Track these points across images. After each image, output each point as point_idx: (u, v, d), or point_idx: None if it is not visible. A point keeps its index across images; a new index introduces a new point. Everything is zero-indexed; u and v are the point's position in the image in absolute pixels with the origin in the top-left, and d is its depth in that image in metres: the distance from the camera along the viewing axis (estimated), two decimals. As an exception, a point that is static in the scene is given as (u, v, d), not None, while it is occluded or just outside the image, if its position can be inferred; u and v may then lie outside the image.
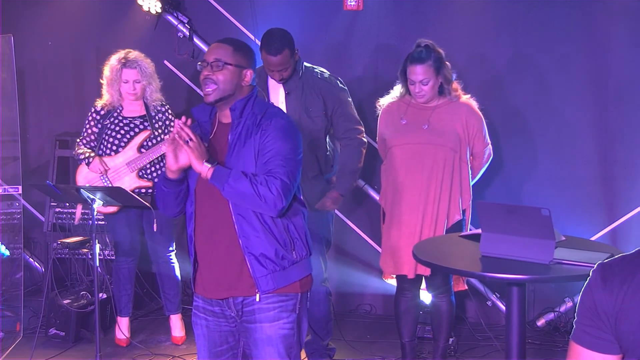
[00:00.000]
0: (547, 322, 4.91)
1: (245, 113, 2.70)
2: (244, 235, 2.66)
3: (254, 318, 2.71)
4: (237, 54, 2.70)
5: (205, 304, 2.79)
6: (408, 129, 3.91)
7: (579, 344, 1.66)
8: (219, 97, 2.69)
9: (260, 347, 2.72)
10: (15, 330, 4.75)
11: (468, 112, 3.94)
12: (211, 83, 2.68)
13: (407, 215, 3.90)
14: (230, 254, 2.69)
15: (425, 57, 3.81)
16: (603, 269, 1.65)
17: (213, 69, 2.68)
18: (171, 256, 4.69)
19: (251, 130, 2.68)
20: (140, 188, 4.49)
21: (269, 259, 2.67)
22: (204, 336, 2.81)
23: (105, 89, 4.51)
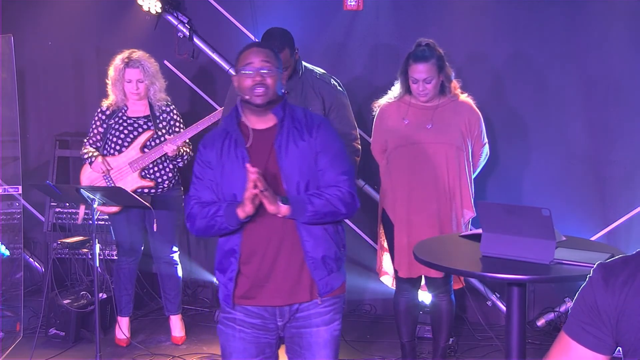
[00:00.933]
0: (547, 322, 4.91)
1: (287, 116, 2.75)
2: (307, 240, 2.71)
3: (309, 323, 2.76)
4: (278, 59, 2.76)
5: (245, 317, 2.77)
6: (412, 129, 3.90)
7: (573, 338, 1.66)
8: (268, 99, 2.70)
9: (315, 350, 2.77)
10: (15, 330, 4.76)
11: (469, 111, 3.95)
12: (261, 87, 2.69)
13: (418, 217, 3.88)
14: (292, 260, 2.72)
15: (428, 56, 3.81)
16: (605, 270, 1.65)
17: (263, 74, 2.70)
18: (174, 257, 4.70)
19: (300, 132, 2.73)
20: (142, 188, 4.50)
21: (330, 261, 2.75)
22: (238, 349, 2.79)
23: (110, 89, 4.53)
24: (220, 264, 2.80)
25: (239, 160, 2.71)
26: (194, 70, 5.41)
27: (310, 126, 2.75)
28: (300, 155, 2.71)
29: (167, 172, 4.55)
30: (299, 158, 2.71)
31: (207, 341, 4.73)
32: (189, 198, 2.82)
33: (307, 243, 2.70)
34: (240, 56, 2.76)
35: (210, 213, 2.72)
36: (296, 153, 2.71)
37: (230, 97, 4.19)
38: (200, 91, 5.39)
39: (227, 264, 2.76)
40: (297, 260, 2.71)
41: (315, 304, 2.75)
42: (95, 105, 4.73)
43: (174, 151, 4.45)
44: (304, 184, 2.71)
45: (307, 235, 2.70)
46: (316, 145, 2.73)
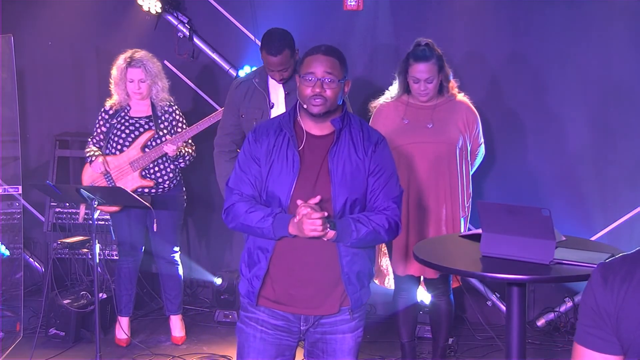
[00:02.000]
0: (547, 322, 4.91)
1: (345, 128, 2.69)
2: (345, 256, 2.67)
3: (335, 329, 2.74)
4: (343, 68, 2.71)
5: (268, 317, 2.73)
6: (412, 129, 3.90)
7: (582, 345, 1.66)
8: (326, 110, 2.65)
9: (339, 356, 2.76)
10: (15, 330, 4.76)
11: (467, 111, 3.95)
12: (320, 98, 2.63)
13: (416, 215, 3.88)
14: (327, 274, 2.68)
15: (429, 56, 3.81)
16: (604, 269, 1.65)
17: (324, 85, 2.64)
18: (175, 257, 4.70)
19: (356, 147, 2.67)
20: (142, 187, 4.50)
21: (363, 276, 2.74)
22: (257, 349, 2.75)
23: (113, 89, 4.53)
24: (250, 258, 2.73)
25: (288, 161, 2.65)
26: (194, 71, 5.40)
27: (367, 143, 2.69)
28: (353, 171, 2.65)
29: (167, 172, 4.55)
30: (351, 173, 2.65)
31: (207, 341, 4.73)
32: (230, 190, 2.73)
33: (345, 259, 2.67)
34: (304, 60, 2.71)
35: (258, 218, 2.64)
36: (349, 168, 2.65)
37: (231, 98, 4.19)
38: (200, 91, 5.39)
39: (256, 260, 2.70)
40: (333, 275, 2.68)
41: (342, 312, 2.73)
42: (95, 105, 4.73)
43: (174, 151, 4.45)
44: (352, 201, 2.65)
45: (346, 251, 2.66)
46: (370, 165, 2.67)
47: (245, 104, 4.07)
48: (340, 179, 2.64)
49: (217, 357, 4.48)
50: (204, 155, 4.88)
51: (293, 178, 2.63)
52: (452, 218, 3.91)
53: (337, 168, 2.64)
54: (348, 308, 2.72)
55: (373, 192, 2.69)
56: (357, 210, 2.67)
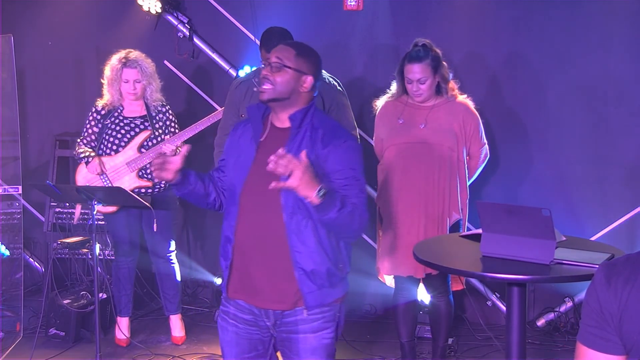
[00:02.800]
0: (547, 322, 4.91)
1: (305, 124, 2.64)
2: (298, 251, 2.60)
3: (297, 329, 2.68)
4: (299, 59, 2.64)
5: (237, 311, 2.73)
6: (405, 129, 3.91)
7: (585, 345, 1.67)
8: (273, 97, 2.62)
9: (303, 357, 2.70)
10: (15, 330, 4.76)
11: (465, 112, 3.95)
12: (268, 82, 2.62)
13: (404, 215, 3.89)
14: (279, 266, 2.62)
15: (422, 56, 3.82)
16: (607, 269, 1.65)
17: (272, 69, 2.63)
18: (171, 256, 4.69)
19: (312, 143, 2.61)
20: (140, 188, 4.50)
21: (320, 276, 2.63)
22: (231, 342, 2.76)
23: (106, 89, 4.52)
24: (222, 248, 2.74)
25: (248, 151, 2.67)
26: (193, 70, 5.40)
27: (327, 140, 2.61)
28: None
29: (165, 172, 4.54)
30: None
31: (207, 341, 4.73)
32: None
33: (297, 253, 2.60)
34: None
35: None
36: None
37: (231, 98, 4.18)
38: (200, 91, 5.39)
39: (225, 251, 2.72)
40: (286, 268, 2.61)
41: (299, 311, 2.66)
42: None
43: (173, 151, 4.45)
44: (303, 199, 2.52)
45: (299, 245, 2.59)
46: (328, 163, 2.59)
47: (245, 104, 4.07)
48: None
49: (217, 357, 4.48)
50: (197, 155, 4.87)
51: (247, 168, 2.64)
52: (441, 219, 3.90)
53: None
54: (303, 307, 2.65)
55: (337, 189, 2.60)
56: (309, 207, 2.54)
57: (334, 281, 2.67)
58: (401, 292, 4.06)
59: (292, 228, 2.59)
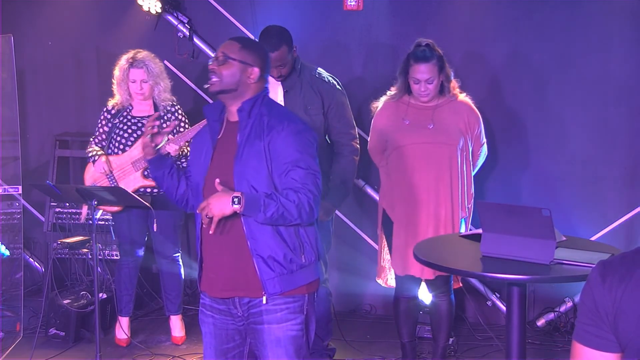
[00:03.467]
0: (547, 322, 4.91)
1: (254, 114, 2.71)
2: (253, 237, 2.66)
3: (261, 319, 2.72)
4: (243, 51, 2.74)
5: (212, 302, 2.82)
6: (413, 129, 3.90)
7: (580, 343, 1.67)
8: (219, 89, 2.72)
9: (269, 348, 2.72)
10: (15, 330, 4.76)
11: (469, 111, 3.95)
12: (214, 75, 2.73)
13: (416, 216, 3.88)
14: (238, 254, 2.69)
15: (430, 56, 3.81)
16: (603, 267, 1.66)
17: (218, 62, 2.73)
18: (177, 257, 4.70)
19: (259, 131, 2.67)
20: (145, 187, 4.50)
21: (277, 262, 2.66)
22: (210, 334, 2.85)
23: (115, 89, 4.54)
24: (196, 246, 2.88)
25: (206, 148, 2.79)
26: (194, 70, 5.40)
27: (271, 127, 2.66)
28: (254, 156, 2.66)
29: (169, 172, 4.55)
30: (253, 158, 2.66)
31: (207, 341, 4.73)
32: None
33: (251, 240, 2.66)
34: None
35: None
36: (251, 153, 2.66)
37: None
38: (201, 91, 5.39)
39: (197, 247, 2.85)
40: (244, 256, 2.68)
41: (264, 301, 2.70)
42: (95, 105, 4.74)
43: (177, 151, 4.45)
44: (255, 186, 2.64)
45: (253, 233, 2.65)
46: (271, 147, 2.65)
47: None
48: (241, 163, 2.67)
49: (217, 357, 4.48)
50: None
51: (206, 165, 2.75)
52: (452, 219, 3.91)
53: (240, 153, 2.68)
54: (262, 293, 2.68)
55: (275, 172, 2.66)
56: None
57: (293, 268, 2.70)
58: (402, 292, 4.06)
59: (247, 217, 2.64)
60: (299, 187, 2.62)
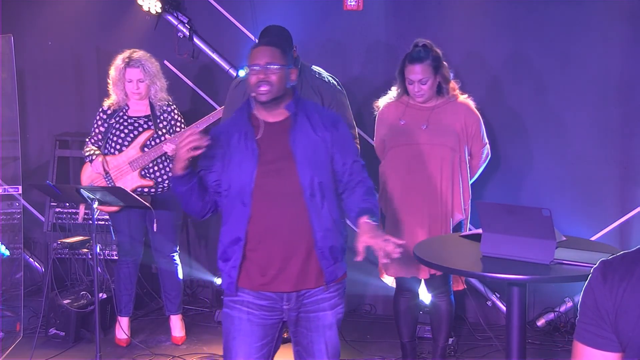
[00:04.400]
0: (547, 322, 4.91)
1: (299, 111, 2.83)
2: (318, 231, 2.78)
3: (317, 307, 2.85)
4: (284, 55, 2.81)
5: (254, 299, 2.82)
6: (407, 130, 3.91)
7: (581, 342, 1.67)
8: (272, 97, 2.77)
9: (321, 332, 2.87)
10: (15, 330, 4.75)
11: (467, 112, 3.95)
12: (265, 84, 2.75)
13: (408, 216, 3.89)
14: (301, 249, 2.78)
15: (423, 57, 3.81)
16: (604, 266, 1.66)
17: (267, 72, 2.76)
18: (175, 257, 4.70)
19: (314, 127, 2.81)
20: (142, 187, 4.50)
21: (336, 251, 2.84)
22: (243, 331, 2.84)
23: (111, 89, 4.54)
24: (225, 253, 2.84)
25: (247, 151, 2.78)
26: (194, 70, 5.41)
27: (325, 122, 2.83)
28: (314, 150, 2.79)
29: (167, 171, 4.55)
30: (313, 152, 2.78)
31: (207, 341, 4.73)
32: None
33: (318, 234, 2.77)
34: (250, 53, 2.84)
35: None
36: (310, 147, 2.78)
37: (231, 97, 4.18)
38: (200, 91, 5.39)
39: (231, 253, 2.81)
40: (307, 250, 2.78)
41: (321, 289, 2.83)
42: (95, 105, 4.73)
43: (174, 150, 4.45)
44: (318, 179, 2.77)
45: (319, 226, 2.77)
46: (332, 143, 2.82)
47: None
48: (303, 158, 2.76)
49: (217, 357, 4.48)
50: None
51: (254, 165, 2.75)
52: (445, 219, 3.90)
53: (298, 149, 2.77)
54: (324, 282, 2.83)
55: (343, 166, 2.84)
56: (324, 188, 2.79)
57: (343, 255, 2.91)
58: (402, 292, 4.06)
59: (312, 209, 2.76)
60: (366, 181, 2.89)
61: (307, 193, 2.75)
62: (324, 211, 2.78)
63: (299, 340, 2.91)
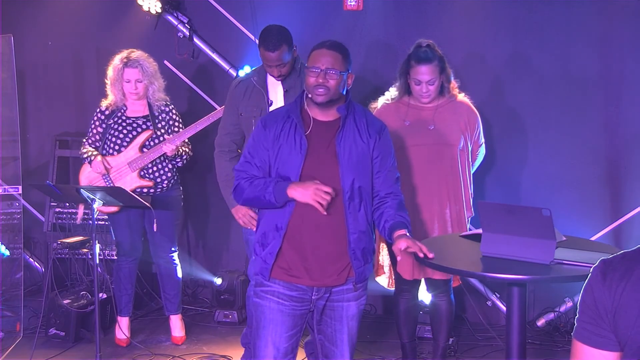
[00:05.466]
0: (547, 322, 4.91)
1: (350, 114, 2.92)
2: (353, 232, 2.89)
3: (343, 297, 2.97)
4: (345, 61, 2.91)
5: (285, 289, 2.93)
6: (414, 131, 3.89)
7: (580, 341, 1.67)
8: (329, 99, 2.88)
9: (345, 322, 3.00)
10: (15, 330, 4.75)
11: (468, 111, 3.95)
12: (322, 87, 2.86)
13: (420, 217, 3.87)
14: (335, 248, 2.90)
15: (431, 57, 3.80)
16: (604, 265, 1.66)
17: (326, 76, 2.86)
18: (173, 256, 4.69)
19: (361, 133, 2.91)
20: (141, 187, 4.50)
21: (367, 253, 2.97)
22: (276, 320, 2.94)
23: (109, 89, 4.53)
24: (264, 237, 2.94)
25: (296, 144, 2.89)
26: (193, 70, 5.40)
27: (371, 129, 2.94)
28: (358, 154, 2.89)
29: (166, 172, 4.55)
30: (357, 156, 2.89)
31: (207, 341, 4.73)
32: (237, 171, 2.99)
33: (353, 236, 2.89)
34: (311, 53, 2.94)
35: (260, 186, 2.89)
36: (355, 151, 2.89)
37: (230, 97, 4.18)
38: (200, 91, 5.39)
39: (271, 238, 2.92)
40: (341, 250, 2.90)
41: (348, 282, 2.96)
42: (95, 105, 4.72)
43: (173, 151, 4.45)
44: (358, 183, 2.88)
45: (354, 228, 2.89)
46: (374, 150, 2.93)
47: (244, 103, 4.07)
48: (347, 161, 2.87)
49: (217, 357, 4.48)
50: (200, 154, 4.88)
51: (301, 159, 2.86)
52: (458, 218, 3.90)
53: (344, 151, 2.88)
54: (352, 280, 2.96)
55: (378, 174, 2.96)
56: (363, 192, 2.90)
57: (372, 257, 3.04)
58: (402, 293, 4.05)
59: (350, 211, 2.88)
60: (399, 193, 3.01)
61: (346, 195, 2.87)
62: (360, 214, 2.90)
63: (322, 329, 3.02)
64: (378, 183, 2.96)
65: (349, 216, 2.88)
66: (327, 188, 2.79)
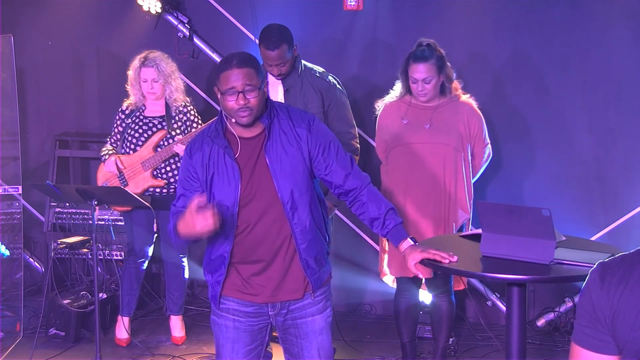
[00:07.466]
0: (547, 322, 4.91)
1: (274, 123, 2.74)
2: (303, 242, 2.75)
3: (304, 313, 2.83)
4: (258, 74, 2.67)
5: (239, 306, 2.82)
6: (410, 129, 3.90)
7: (578, 345, 1.67)
8: (254, 119, 2.68)
9: (312, 338, 2.85)
10: (15, 330, 4.76)
11: (469, 112, 3.95)
12: (246, 110, 2.64)
13: (412, 217, 3.89)
14: (285, 264, 2.77)
15: (428, 56, 3.81)
16: (602, 269, 1.65)
17: (246, 96, 2.63)
18: (183, 259, 4.71)
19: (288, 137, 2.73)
20: (154, 187, 4.51)
21: (321, 258, 2.82)
22: (231, 338, 2.85)
23: (129, 89, 4.55)
24: (209, 266, 2.84)
25: (228, 170, 2.71)
26: (194, 71, 5.40)
27: (298, 129, 2.74)
28: (291, 161, 2.72)
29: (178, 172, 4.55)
30: (290, 164, 2.71)
31: (207, 341, 4.73)
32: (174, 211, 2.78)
33: (302, 246, 2.75)
34: (220, 76, 2.66)
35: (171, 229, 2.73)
36: (286, 159, 2.72)
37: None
38: (200, 91, 5.39)
39: (216, 268, 2.81)
40: (291, 262, 2.77)
41: (306, 296, 2.82)
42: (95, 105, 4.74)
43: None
44: (298, 190, 2.72)
45: (302, 238, 2.75)
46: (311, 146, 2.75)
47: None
48: (280, 171, 2.70)
49: (217, 357, 4.48)
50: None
51: (236, 184, 2.70)
52: (451, 219, 3.90)
53: (275, 162, 2.70)
54: (310, 291, 2.82)
55: (329, 167, 2.77)
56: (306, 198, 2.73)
57: (327, 258, 2.88)
58: (403, 292, 4.06)
59: (295, 222, 2.73)
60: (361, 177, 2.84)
61: (287, 206, 2.71)
62: (307, 221, 2.74)
63: (288, 348, 2.89)
64: (335, 177, 2.78)
65: (295, 227, 2.72)
66: (194, 204, 2.54)
